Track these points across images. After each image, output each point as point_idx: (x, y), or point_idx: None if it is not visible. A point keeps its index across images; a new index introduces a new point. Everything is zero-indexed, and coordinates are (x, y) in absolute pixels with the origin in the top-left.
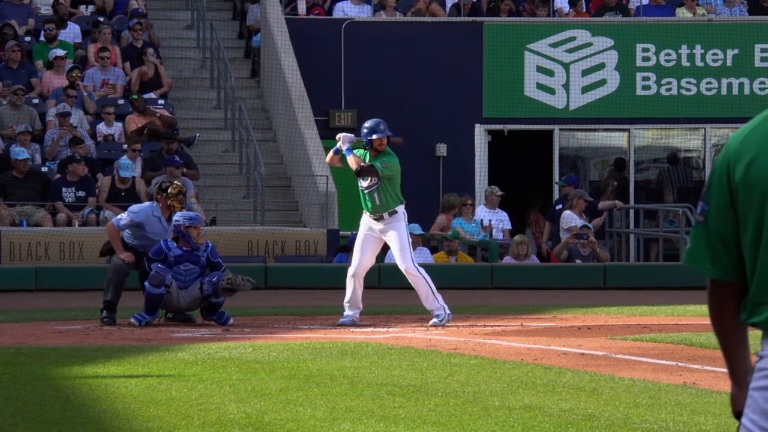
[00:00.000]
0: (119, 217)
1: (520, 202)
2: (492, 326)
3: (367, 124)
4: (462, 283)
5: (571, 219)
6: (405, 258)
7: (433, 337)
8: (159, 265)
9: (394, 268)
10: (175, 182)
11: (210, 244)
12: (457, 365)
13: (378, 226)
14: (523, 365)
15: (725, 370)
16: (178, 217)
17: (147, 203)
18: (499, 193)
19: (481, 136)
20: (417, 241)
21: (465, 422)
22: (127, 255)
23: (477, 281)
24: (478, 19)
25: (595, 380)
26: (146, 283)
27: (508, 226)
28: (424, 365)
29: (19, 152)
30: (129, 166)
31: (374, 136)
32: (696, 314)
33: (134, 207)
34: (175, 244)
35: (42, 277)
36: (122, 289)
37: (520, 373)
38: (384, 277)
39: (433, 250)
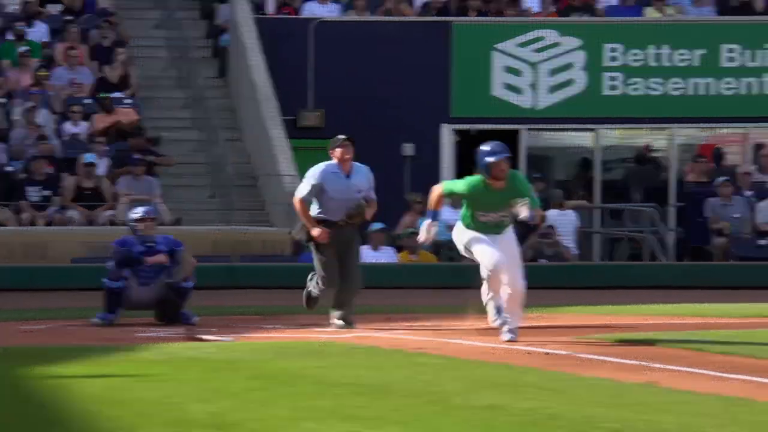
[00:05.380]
0: (300, 189)
1: None
2: (458, 326)
3: (487, 147)
4: (427, 282)
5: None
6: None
7: (398, 336)
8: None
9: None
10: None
11: (170, 237)
12: (422, 365)
13: None
14: (487, 365)
15: (689, 369)
16: (130, 214)
17: (322, 164)
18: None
19: (448, 136)
20: (381, 240)
21: (428, 422)
22: (319, 231)
23: (442, 280)
24: (447, 18)
25: (559, 379)
26: (105, 279)
27: None
28: (389, 365)
29: None
30: (93, 158)
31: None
32: (659, 313)
33: (309, 171)
34: (135, 241)
35: (4, 277)
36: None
37: (484, 372)
38: None
39: (400, 250)
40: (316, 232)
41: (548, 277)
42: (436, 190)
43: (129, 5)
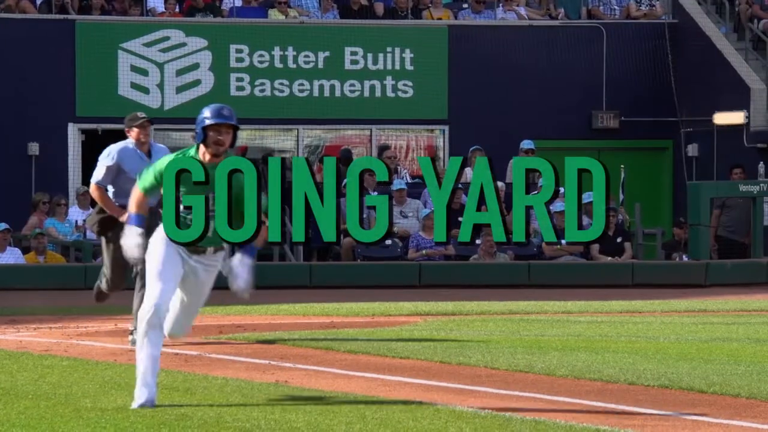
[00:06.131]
0: (96, 174)
1: None
2: (85, 327)
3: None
4: (56, 284)
5: None
6: None
7: (24, 338)
8: None
9: None
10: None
11: None
12: (49, 367)
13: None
14: (116, 366)
15: (317, 368)
16: None
17: (117, 143)
18: (83, 191)
19: (74, 135)
20: (7, 240)
21: (56, 425)
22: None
23: (69, 282)
24: (70, 17)
25: (189, 380)
26: None
27: None
28: (14, 367)
29: None
30: None
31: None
32: (289, 313)
33: (103, 153)
34: None
35: None
36: None
37: (114, 373)
38: None
39: (26, 251)
40: (125, 218)
41: None
42: (136, 191)
43: None
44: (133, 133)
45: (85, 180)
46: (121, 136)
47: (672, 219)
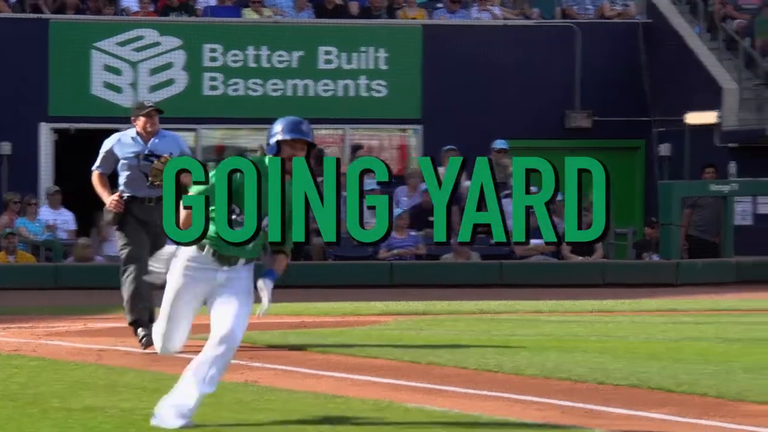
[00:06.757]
0: (96, 162)
1: (88, 202)
2: (55, 327)
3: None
4: (26, 284)
5: None
6: None
7: None
8: None
9: None
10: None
11: None
12: (18, 367)
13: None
14: (85, 366)
15: (287, 367)
16: None
17: (119, 132)
18: (54, 190)
19: (46, 135)
20: None
21: (24, 425)
22: (111, 198)
23: (40, 281)
24: (44, 16)
25: (158, 380)
26: None
27: (72, 226)
28: None
29: None
30: None
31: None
32: None
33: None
34: None
35: None
36: None
37: (82, 374)
38: None
39: None
40: (108, 200)
41: None
42: None
43: None
44: (140, 122)
45: (57, 180)
46: (95, 135)
47: (643, 218)
